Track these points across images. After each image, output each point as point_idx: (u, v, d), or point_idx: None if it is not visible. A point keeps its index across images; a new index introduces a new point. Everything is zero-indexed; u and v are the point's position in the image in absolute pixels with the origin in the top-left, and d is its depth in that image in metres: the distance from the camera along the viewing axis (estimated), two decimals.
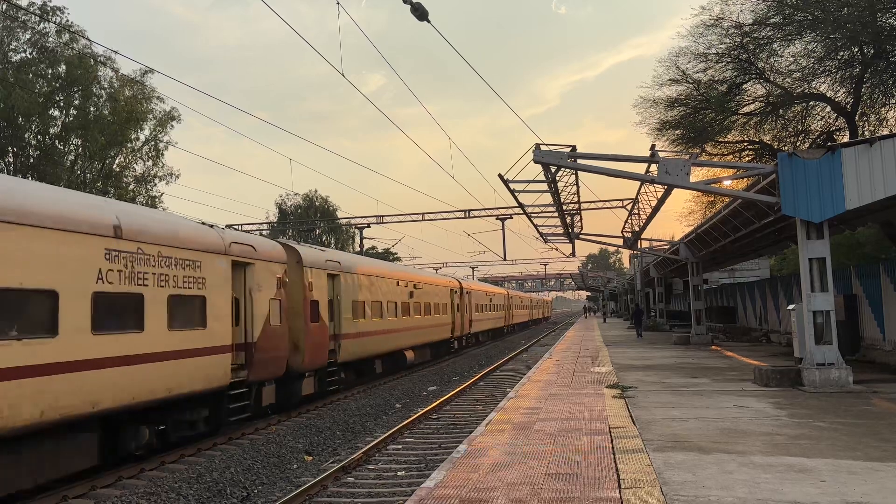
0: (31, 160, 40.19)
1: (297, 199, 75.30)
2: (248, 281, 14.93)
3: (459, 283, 40.38)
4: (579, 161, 16.65)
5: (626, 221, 32.87)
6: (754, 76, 25.04)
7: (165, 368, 11.86)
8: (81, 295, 10.18)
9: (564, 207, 25.21)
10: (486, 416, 13.37)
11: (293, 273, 17.38)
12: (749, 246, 27.89)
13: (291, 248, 18.03)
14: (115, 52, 36.93)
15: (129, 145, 43.10)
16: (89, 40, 40.63)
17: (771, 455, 8.50)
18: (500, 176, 19.00)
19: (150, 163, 44.81)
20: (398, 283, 26.78)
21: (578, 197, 24.37)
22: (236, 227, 52.82)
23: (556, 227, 31.46)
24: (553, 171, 18.03)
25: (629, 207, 32.26)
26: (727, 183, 22.13)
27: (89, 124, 39.78)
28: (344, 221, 69.07)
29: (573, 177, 20.47)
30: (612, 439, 9.70)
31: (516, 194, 21.69)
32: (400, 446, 13.85)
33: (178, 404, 12.65)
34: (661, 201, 23.86)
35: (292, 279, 17.20)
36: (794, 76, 24.36)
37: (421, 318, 30.04)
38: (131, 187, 44.36)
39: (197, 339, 12.86)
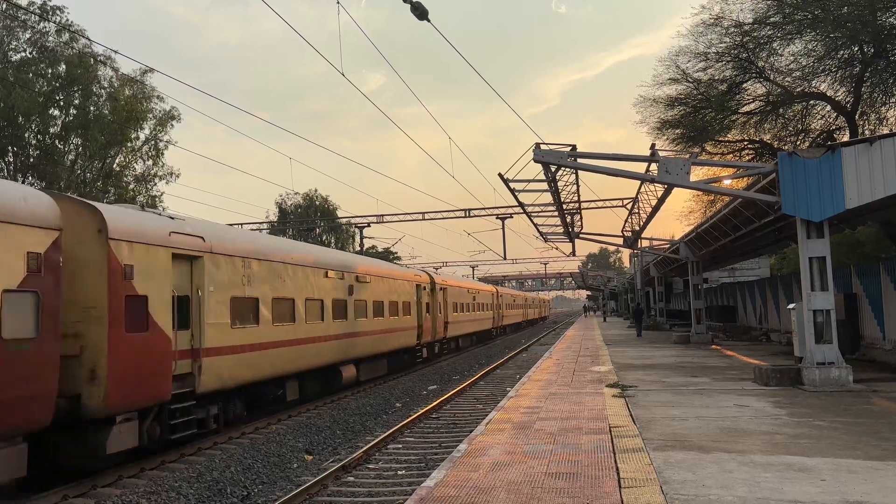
0: (31, 160, 40.17)
1: (297, 198, 75.31)
2: None
3: (430, 276, 33.69)
4: (579, 160, 16.66)
5: (626, 221, 32.88)
6: (754, 75, 25.04)
7: None
8: None
9: (564, 206, 25.22)
10: (487, 415, 13.38)
11: (86, 249, 11.04)
12: (749, 245, 27.90)
13: (83, 204, 11.38)
14: (115, 52, 36.77)
15: (129, 145, 43.04)
16: (89, 39, 40.68)
17: (771, 454, 8.50)
18: (501, 175, 19.01)
19: (150, 162, 44.76)
20: (327, 273, 20.08)
21: (578, 196, 24.38)
22: (236, 225, 52.80)
23: (557, 226, 31.45)
24: (553, 170, 18.04)
25: (629, 207, 32.27)
26: (727, 182, 22.14)
27: (89, 124, 39.73)
28: (344, 221, 69.05)
29: (573, 176, 20.48)
30: (612, 438, 9.70)
31: (516, 193, 21.71)
32: (400, 445, 13.85)
33: None
34: (661, 200, 23.86)
35: (83, 258, 11.00)
36: (794, 75, 24.38)
37: (368, 322, 23.35)
38: (131, 187, 44.34)
39: None
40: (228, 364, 14.38)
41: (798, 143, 25.70)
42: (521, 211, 28.97)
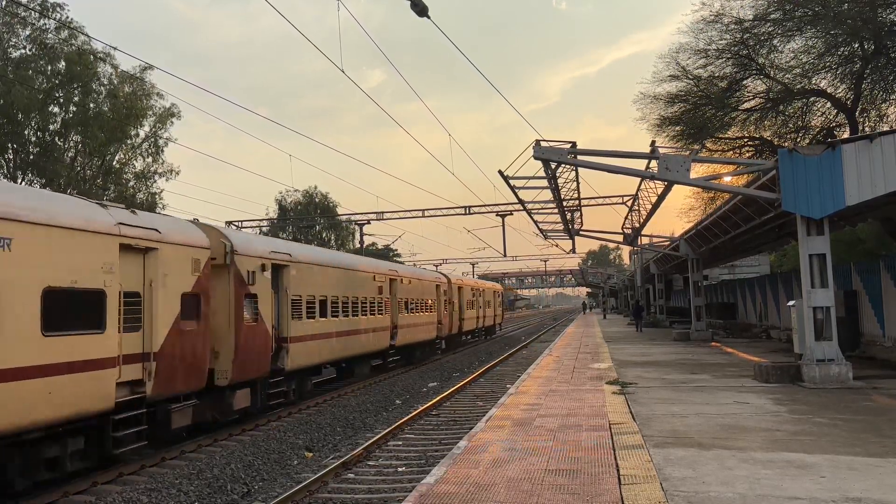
0: (31, 157, 40.13)
1: (297, 195, 75.09)
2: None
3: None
4: (580, 157, 16.66)
5: (626, 218, 32.92)
6: (754, 72, 25.03)
7: None
8: None
9: (564, 204, 25.24)
10: (487, 412, 13.38)
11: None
12: (749, 242, 27.90)
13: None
14: (115, 49, 36.67)
15: (128, 142, 43.00)
16: (88, 36, 40.54)
17: (771, 451, 8.50)
18: (501, 172, 19.01)
19: (149, 159, 44.72)
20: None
21: (578, 193, 24.39)
22: (236, 223, 52.78)
23: (557, 223, 31.49)
24: (553, 167, 18.04)
25: (629, 204, 32.29)
26: (727, 179, 22.15)
27: (89, 121, 39.66)
28: (344, 218, 68.97)
29: (573, 173, 20.49)
30: (611, 435, 9.71)
31: (516, 191, 21.73)
32: (400, 442, 13.87)
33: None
34: (661, 197, 23.89)
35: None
36: (794, 72, 24.37)
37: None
38: (131, 184, 44.31)
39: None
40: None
41: (798, 140, 25.69)
42: (522, 208, 29.00)
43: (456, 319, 37.43)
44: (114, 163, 43.39)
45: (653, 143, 16.93)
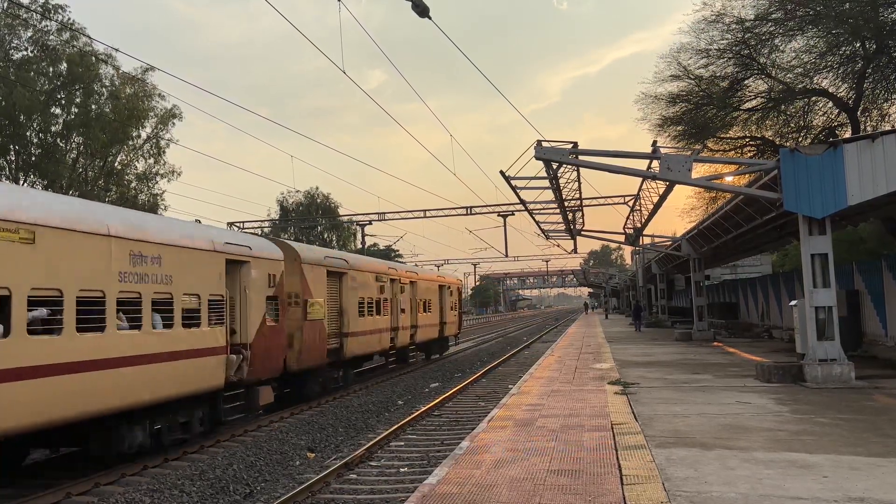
0: (33, 158, 40.19)
1: (298, 196, 75.14)
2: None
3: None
4: (581, 157, 16.65)
5: (627, 218, 32.89)
6: (756, 72, 25.02)
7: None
8: None
9: (566, 204, 25.22)
10: (489, 412, 13.38)
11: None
12: (751, 242, 27.90)
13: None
14: (116, 50, 36.84)
15: (130, 143, 43.08)
16: (90, 38, 40.63)
17: (773, 451, 8.50)
18: (502, 172, 19.01)
19: (151, 160, 44.81)
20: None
21: (580, 193, 24.38)
22: (237, 224, 52.90)
23: (558, 223, 31.48)
24: (555, 167, 18.04)
25: (631, 204, 32.28)
26: (729, 179, 22.12)
27: (91, 122, 39.73)
28: (345, 218, 69.00)
29: (575, 173, 20.48)
30: (614, 435, 9.70)
31: (518, 191, 21.72)
32: (402, 443, 13.87)
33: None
34: (662, 197, 23.87)
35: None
36: (795, 72, 24.36)
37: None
38: (133, 185, 44.39)
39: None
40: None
41: (800, 139, 25.68)
42: (523, 208, 29.03)
43: (315, 339, 18.39)
44: (115, 164, 43.48)
45: (654, 142, 16.94)
